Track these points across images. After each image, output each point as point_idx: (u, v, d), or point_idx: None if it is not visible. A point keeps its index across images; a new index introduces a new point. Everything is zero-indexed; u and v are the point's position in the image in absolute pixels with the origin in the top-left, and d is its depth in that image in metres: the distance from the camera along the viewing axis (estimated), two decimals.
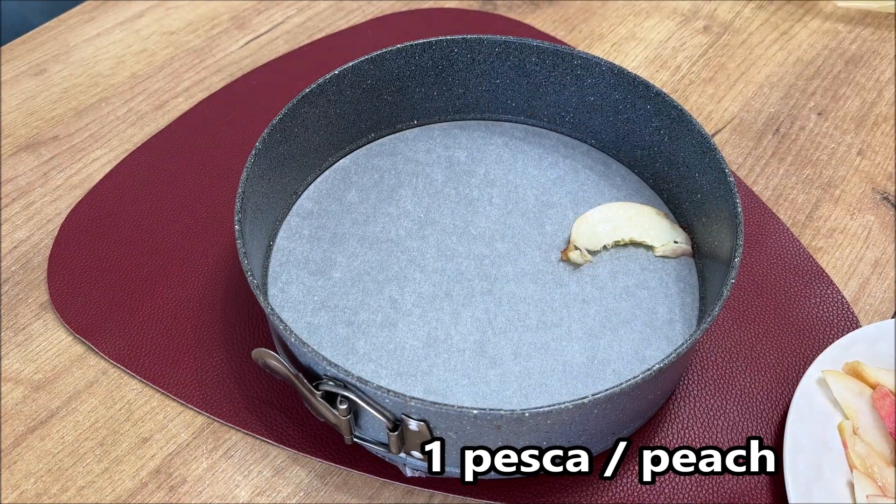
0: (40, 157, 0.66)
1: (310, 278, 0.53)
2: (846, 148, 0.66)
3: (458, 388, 0.48)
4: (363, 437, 0.46)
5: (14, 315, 0.56)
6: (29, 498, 0.48)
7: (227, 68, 0.73)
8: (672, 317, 0.51)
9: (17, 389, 0.52)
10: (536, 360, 0.50)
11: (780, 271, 0.57)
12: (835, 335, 0.53)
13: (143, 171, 0.64)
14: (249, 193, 0.50)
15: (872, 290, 0.57)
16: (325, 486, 0.48)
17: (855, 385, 0.48)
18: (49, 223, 0.61)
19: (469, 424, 0.41)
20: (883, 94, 0.70)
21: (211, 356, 0.53)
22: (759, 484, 0.48)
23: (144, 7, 0.78)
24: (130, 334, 0.54)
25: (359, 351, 0.50)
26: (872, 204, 0.62)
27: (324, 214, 0.57)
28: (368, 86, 0.58)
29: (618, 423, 0.46)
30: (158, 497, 0.48)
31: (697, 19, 0.77)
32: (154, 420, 0.51)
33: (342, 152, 0.60)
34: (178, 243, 0.59)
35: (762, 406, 0.51)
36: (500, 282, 0.53)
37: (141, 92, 0.71)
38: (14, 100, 0.70)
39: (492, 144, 0.61)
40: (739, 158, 0.65)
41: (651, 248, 0.55)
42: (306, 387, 0.44)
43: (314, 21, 0.77)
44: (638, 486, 0.48)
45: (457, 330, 0.51)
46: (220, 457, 0.49)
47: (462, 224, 0.57)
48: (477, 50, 0.58)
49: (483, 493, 0.47)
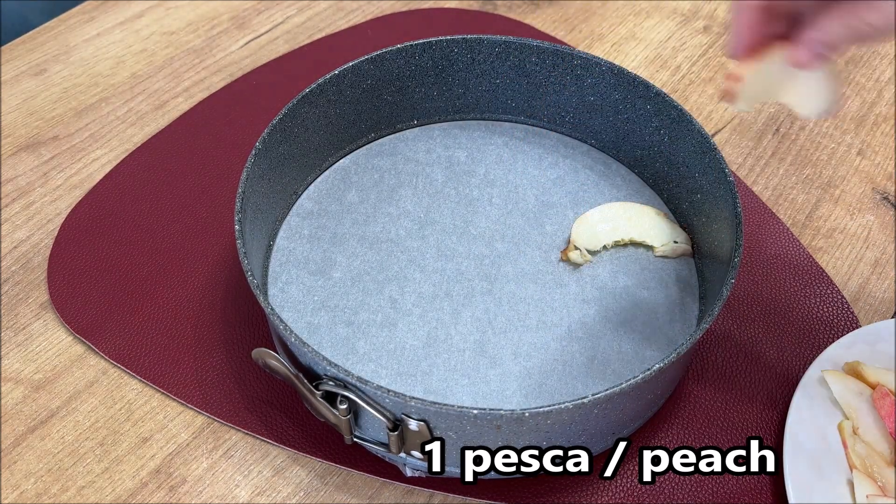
0: (40, 157, 0.66)
1: (310, 278, 0.53)
2: (846, 148, 0.66)
3: (458, 388, 0.48)
4: (363, 437, 0.46)
5: (14, 315, 0.56)
6: (29, 498, 0.48)
7: (227, 68, 0.73)
8: (672, 317, 0.51)
9: (17, 389, 0.52)
10: (536, 360, 0.50)
11: (780, 271, 0.57)
12: (835, 335, 0.53)
13: (143, 171, 0.64)
14: (249, 193, 0.50)
15: (872, 290, 0.57)
16: (325, 486, 0.48)
17: (855, 385, 0.48)
18: (49, 223, 0.61)
19: (469, 424, 0.41)
20: (883, 94, 0.70)
21: (211, 356, 0.53)
22: (759, 484, 0.48)
23: (144, 7, 0.78)
24: (130, 334, 0.54)
25: (359, 351, 0.50)
26: (872, 204, 0.62)
27: (324, 214, 0.57)
28: (368, 86, 0.58)
29: (618, 423, 0.46)
30: (158, 497, 0.48)
31: (697, 19, 0.77)
32: (154, 420, 0.51)
33: (342, 152, 0.60)
34: (178, 243, 0.59)
35: (762, 406, 0.51)
36: (500, 282, 0.53)
37: (141, 92, 0.71)
38: (14, 100, 0.70)
39: (492, 144, 0.61)
40: (739, 158, 0.65)
41: (651, 248, 0.55)
42: (306, 387, 0.44)
43: (314, 21, 0.77)
44: (638, 486, 0.48)
45: (457, 330, 0.51)
46: (220, 457, 0.49)
47: (462, 224, 0.57)
48: (477, 50, 0.58)
49: (483, 493, 0.47)
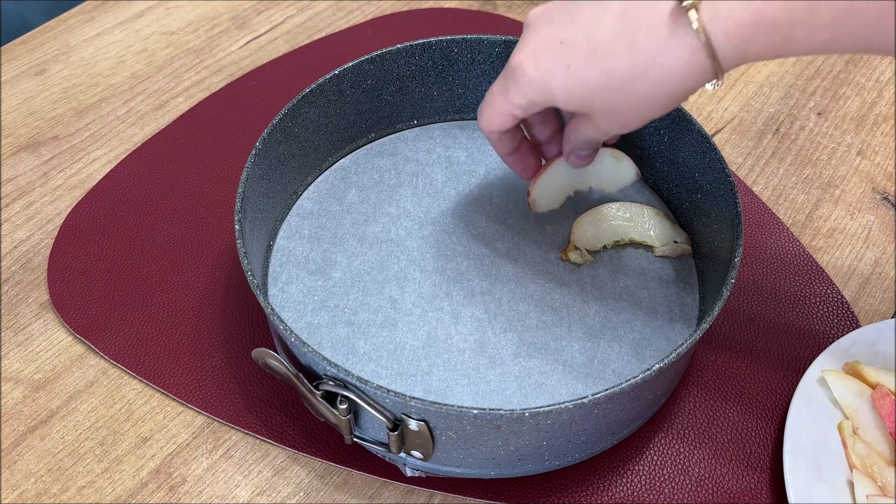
0: (40, 157, 0.66)
1: (310, 278, 0.53)
2: (846, 148, 0.66)
3: (458, 388, 0.48)
4: (363, 436, 0.46)
5: (14, 315, 0.56)
6: (29, 498, 0.48)
7: (227, 68, 0.73)
8: (672, 317, 0.51)
9: (17, 389, 0.52)
10: (536, 360, 0.50)
11: (780, 271, 0.57)
12: (835, 335, 0.53)
13: (143, 171, 0.64)
14: (249, 193, 0.50)
15: (872, 290, 0.57)
16: (325, 486, 0.48)
17: (855, 385, 0.48)
18: (49, 223, 0.61)
19: (469, 424, 0.41)
20: (883, 94, 0.70)
21: (211, 356, 0.53)
22: (759, 484, 0.48)
23: (144, 7, 0.78)
24: (130, 334, 0.54)
25: (359, 351, 0.50)
26: (872, 204, 0.62)
27: (324, 214, 0.57)
28: (368, 86, 0.58)
29: (618, 423, 0.46)
30: (158, 497, 0.48)
31: None
32: (154, 420, 0.51)
33: (342, 152, 0.60)
34: (178, 243, 0.59)
35: (762, 406, 0.51)
36: (500, 282, 0.53)
37: (141, 92, 0.71)
38: (14, 100, 0.70)
39: None
40: (739, 158, 0.65)
41: (651, 248, 0.55)
42: (306, 387, 0.44)
43: (314, 21, 0.77)
44: (638, 486, 0.48)
45: (457, 330, 0.51)
46: (220, 457, 0.49)
47: (462, 224, 0.57)
48: (477, 50, 0.58)
49: (483, 493, 0.47)
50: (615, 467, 0.48)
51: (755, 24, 0.36)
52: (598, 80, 0.40)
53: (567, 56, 0.41)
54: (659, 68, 0.39)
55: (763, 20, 0.36)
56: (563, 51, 0.41)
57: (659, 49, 0.38)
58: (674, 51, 0.38)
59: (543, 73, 0.42)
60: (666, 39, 0.38)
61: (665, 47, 0.38)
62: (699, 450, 0.49)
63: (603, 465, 0.48)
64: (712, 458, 0.49)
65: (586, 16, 0.40)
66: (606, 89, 0.40)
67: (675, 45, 0.38)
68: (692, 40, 0.37)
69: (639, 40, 0.38)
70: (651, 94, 0.40)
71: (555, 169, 0.53)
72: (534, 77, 0.42)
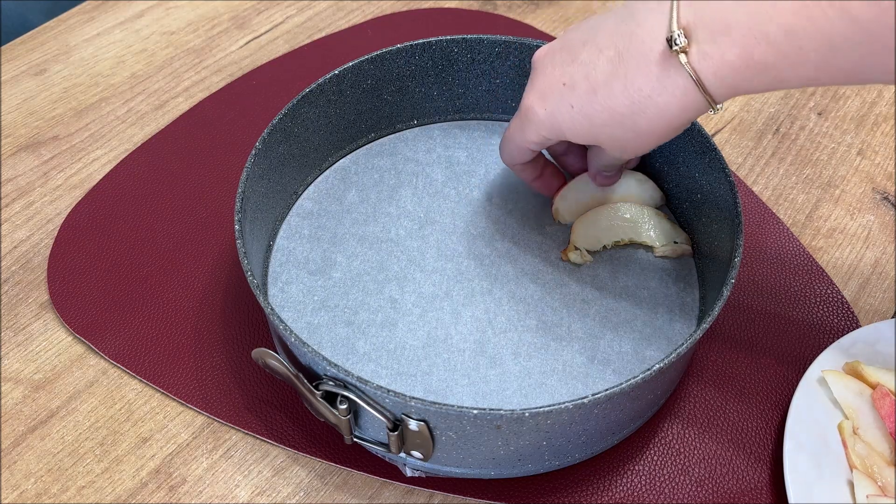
0: (40, 157, 0.66)
1: (310, 278, 0.53)
2: (846, 148, 0.66)
3: (458, 388, 0.48)
4: (363, 436, 0.46)
5: (14, 315, 0.56)
6: (29, 498, 0.48)
7: (227, 68, 0.73)
8: (672, 317, 0.51)
9: (17, 389, 0.52)
10: (536, 360, 0.50)
11: (780, 271, 0.57)
12: (835, 335, 0.53)
13: (143, 171, 0.64)
14: (249, 193, 0.50)
15: (872, 290, 0.57)
16: (325, 486, 0.48)
17: (855, 385, 0.48)
18: (49, 223, 0.61)
19: (469, 424, 0.41)
20: (883, 94, 0.70)
21: (211, 356, 0.53)
22: (759, 484, 0.48)
23: (144, 7, 0.78)
24: (130, 334, 0.54)
25: (359, 351, 0.50)
26: (872, 204, 0.62)
27: (324, 214, 0.57)
28: (368, 86, 0.58)
29: (618, 423, 0.46)
30: (158, 497, 0.48)
31: None
32: (154, 420, 0.51)
33: (342, 152, 0.60)
34: (178, 243, 0.59)
35: (762, 406, 0.51)
36: (500, 282, 0.53)
37: (141, 92, 0.71)
38: (14, 100, 0.70)
39: (492, 144, 0.61)
40: (739, 158, 0.65)
41: (651, 248, 0.55)
42: (306, 387, 0.44)
43: (314, 21, 0.77)
44: (638, 486, 0.48)
45: (457, 330, 0.51)
46: (220, 457, 0.49)
47: (462, 224, 0.57)
48: (477, 50, 0.58)
49: (483, 493, 0.47)
50: (615, 467, 0.48)
51: (744, 65, 0.37)
52: (600, 117, 0.43)
53: (569, 97, 0.43)
54: (655, 106, 0.41)
55: (751, 60, 0.37)
56: (565, 92, 0.44)
57: (653, 89, 0.40)
58: (668, 90, 0.40)
59: (551, 114, 0.45)
60: (659, 80, 0.40)
61: (659, 87, 0.40)
62: (699, 450, 0.49)
63: (603, 465, 0.48)
64: (712, 459, 0.49)
65: (584, 58, 0.43)
66: (609, 125, 0.43)
67: (669, 85, 0.40)
68: (684, 80, 0.39)
69: (634, 81, 0.40)
70: (651, 128, 0.42)
71: (579, 180, 0.55)
72: (543, 117, 0.45)
